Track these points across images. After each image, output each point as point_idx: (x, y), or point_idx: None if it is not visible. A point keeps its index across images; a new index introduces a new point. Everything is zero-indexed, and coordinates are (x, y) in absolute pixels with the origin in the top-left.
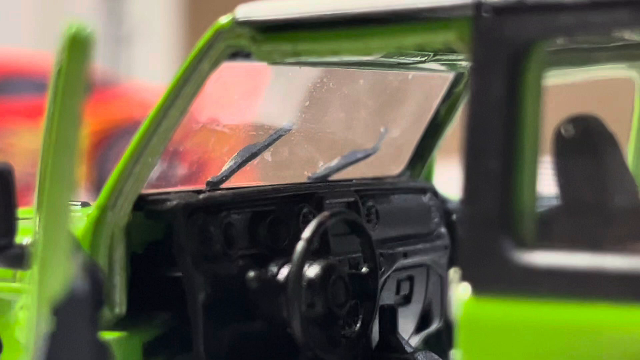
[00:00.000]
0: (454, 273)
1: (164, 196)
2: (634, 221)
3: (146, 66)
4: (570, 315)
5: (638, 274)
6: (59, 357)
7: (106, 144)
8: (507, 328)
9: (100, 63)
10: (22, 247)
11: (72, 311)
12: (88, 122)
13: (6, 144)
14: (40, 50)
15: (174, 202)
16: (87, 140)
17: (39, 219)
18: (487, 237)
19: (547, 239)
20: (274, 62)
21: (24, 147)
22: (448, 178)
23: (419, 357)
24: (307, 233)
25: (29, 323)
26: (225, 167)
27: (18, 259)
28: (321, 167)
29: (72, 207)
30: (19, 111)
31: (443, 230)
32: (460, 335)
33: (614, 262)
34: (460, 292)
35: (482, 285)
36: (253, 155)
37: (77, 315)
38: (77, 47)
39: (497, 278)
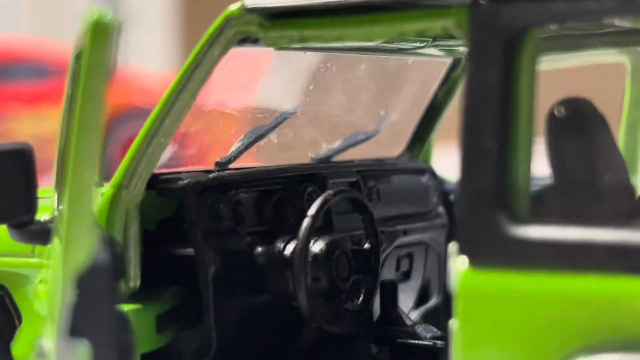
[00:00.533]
0: (452, 247)
1: (175, 175)
2: (622, 197)
3: (142, 52)
4: (561, 285)
5: (625, 246)
6: (83, 326)
7: (106, 128)
8: (502, 298)
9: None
10: (42, 224)
11: (94, 282)
12: None
13: (6, 129)
14: (40, 37)
15: (185, 181)
16: None
17: (64, 196)
18: (483, 212)
19: (540, 214)
20: (280, 48)
21: (24, 132)
22: (445, 162)
23: (418, 329)
24: (312, 210)
25: (54, 294)
26: (233, 148)
27: (38, 234)
28: (324, 149)
29: (95, 185)
30: (18, 97)
31: (441, 209)
32: (458, 306)
33: (603, 235)
34: (458, 265)
35: (479, 258)
36: (259, 137)
37: (99, 286)
38: (100, 33)
39: (493, 251)
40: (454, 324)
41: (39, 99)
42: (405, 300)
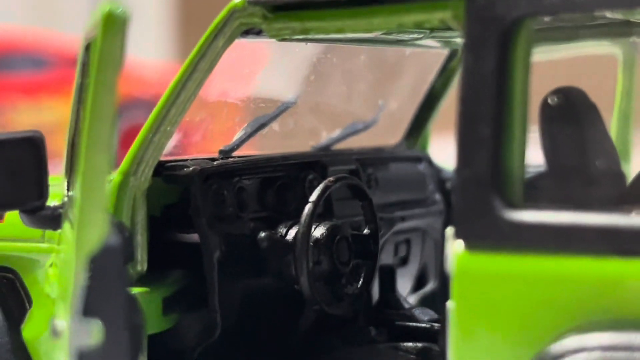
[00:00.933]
0: (448, 231)
1: (181, 163)
2: (613, 183)
3: (138, 43)
4: (554, 267)
5: (615, 229)
6: (95, 306)
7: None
8: (497, 279)
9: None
10: (52, 209)
11: (106, 264)
12: None
13: (5, 119)
14: (38, 27)
15: (191, 168)
16: None
17: (77, 181)
18: (479, 197)
19: (533, 199)
20: (282, 39)
21: (23, 122)
22: (441, 151)
23: (415, 312)
24: (314, 196)
25: (66, 276)
26: (236, 137)
27: (49, 220)
28: (324, 138)
29: (108, 171)
30: (17, 87)
31: (437, 196)
32: (454, 287)
33: (593, 219)
34: (454, 248)
35: (475, 241)
36: (262, 126)
37: (110, 268)
38: (111, 24)
39: (488, 234)
40: (450, 305)
41: (38, 90)
42: (403, 284)
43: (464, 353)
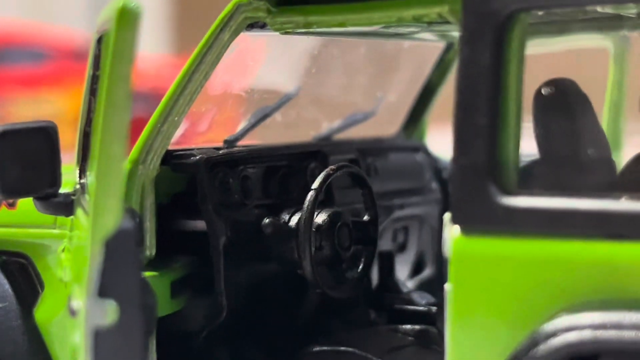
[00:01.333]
0: (446, 216)
1: (187, 152)
2: (603, 170)
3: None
4: (547, 250)
5: (605, 214)
6: (110, 287)
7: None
8: (492, 262)
9: (88, 34)
10: (65, 196)
11: (120, 247)
12: (82, 92)
13: (4, 112)
14: (36, 21)
15: (198, 157)
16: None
17: (93, 168)
18: (475, 184)
19: (527, 185)
20: (286, 32)
21: (22, 115)
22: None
23: (413, 296)
24: (316, 184)
25: (81, 259)
26: (241, 127)
27: (62, 206)
28: (325, 128)
29: (123, 159)
30: (16, 80)
31: (434, 185)
32: (451, 270)
33: (585, 204)
34: (451, 233)
35: (471, 226)
36: (265, 117)
37: (125, 251)
38: (126, 18)
39: (483, 219)
40: (448, 287)
41: (37, 83)
42: (401, 270)
43: (461, 333)
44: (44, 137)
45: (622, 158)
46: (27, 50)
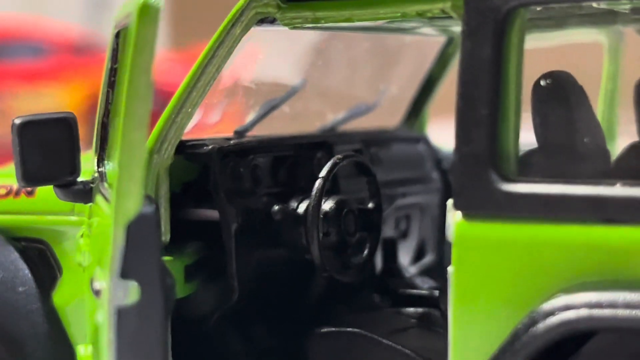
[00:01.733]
0: (449, 202)
1: (200, 142)
2: (598, 157)
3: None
4: (544, 234)
5: (600, 200)
6: (132, 269)
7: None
8: (492, 245)
9: (80, 27)
10: (84, 184)
11: (141, 231)
12: (86, 85)
13: (5, 106)
14: (34, 16)
15: (210, 147)
16: (82, 103)
17: (116, 156)
18: (476, 171)
19: (526, 172)
20: (294, 27)
21: (22, 109)
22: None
23: (416, 281)
24: (323, 172)
25: (104, 242)
26: (250, 118)
27: (81, 194)
28: (330, 119)
29: (144, 146)
30: (16, 74)
31: (435, 175)
32: (454, 254)
33: (581, 190)
34: (454, 218)
35: (473, 211)
36: (273, 108)
37: (145, 234)
38: (146, 14)
39: (484, 205)
40: (450, 269)
41: (37, 77)
42: (404, 256)
43: (463, 313)
44: (64, 127)
45: (617, 147)
46: (27, 45)
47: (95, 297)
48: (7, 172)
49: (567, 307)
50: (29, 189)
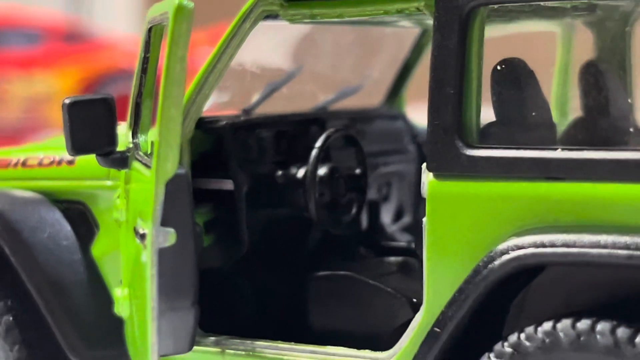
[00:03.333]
0: (423, 165)
1: (215, 118)
2: (544, 128)
3: (107, 16)
4: (500, 189)
5: (544, 160)
6: (169, 218)
7: (95, 90)
8: (459, 200)
9: (64, 12)
10: (121, 153)
11: (177, 186)
12: (78, 71)
13: (0, 90)
14: (30, 4)
15: (224, 122)
16: (74, 87)
17: (157, 127)
18: (445, 140)
19: (486, 140)
20: (294, 22)
21: (17, 94)
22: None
23: (396, 235)
24: (318, 143)
25: (147, 197)
26: (255, 99)
27: (118, 161)
28: (322, 100)
29: (180, 120)
30: (10, 61)
31: (411, 147)
32: (427, 207)
33: (529, 154)
34: (427, 178)
35: (442, 172)
36: (273, 91)
37: (180, 190)
38: (182, 12)
39: (451, 167)
40: (425, 220)
41: (30, 63)
42: (385, 216)
43: (435, 255)
44: (105, 106)
45: (569, 120)
46: (22, 32)
47: (139, 242)
48: (50, 145)
49: (518, 247)
50: (69, 158)
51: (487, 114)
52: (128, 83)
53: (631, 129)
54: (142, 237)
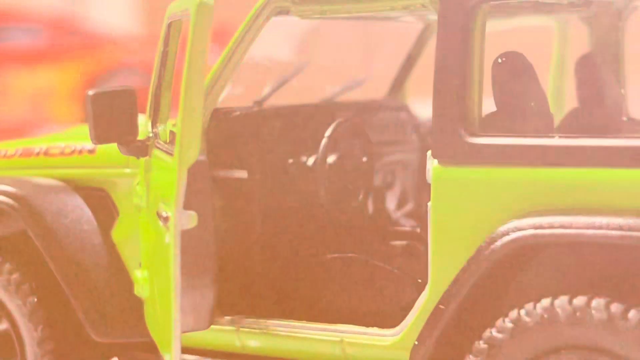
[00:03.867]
0: (428, 153)
1: (230, 109)
2: (542, 117)
3: (102, 11)
4: (501, 175)
5: (543, 148)
6: (191, 201)
7: (97, 85)
8: (461, 185)
9: (66, 8)
10: (141, 142)
11: (198, 172)
12: (80, 66)
13: (2, 84)
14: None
15: (238, 113)
16: (76, 81)
17: (180, 116)
18: (449, 128)
19: (487, 129)
20: (305, 18)
21: (19, 88)
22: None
23: (401, 220)
24: (327, 133)
25: (170, 182)
26: (266, 91)
27: (139, 149)
28: (329, 91)
29: (200, 110)
30: (13, 55)
31: (414, 137)
32: (432, 192)
33: (528, 142)
34: (432, 165)
35: (446, 159)
36: (283, 83)
37: (201, 175)
38: (203, 10)
39: (455, 154)
40: (429, 205)
41: (33, 57)
42: (390, 202)
43: (440, 237)
44: (126, 97)
45: (564, 111)
46: (24, 27)
47: (162, 225)
48: (71, 136)
49: (518, 229)
50: (90, 147)
51: (489, 105)
52: (130, 78)
53: (624, 119)
54: (165, 219)
